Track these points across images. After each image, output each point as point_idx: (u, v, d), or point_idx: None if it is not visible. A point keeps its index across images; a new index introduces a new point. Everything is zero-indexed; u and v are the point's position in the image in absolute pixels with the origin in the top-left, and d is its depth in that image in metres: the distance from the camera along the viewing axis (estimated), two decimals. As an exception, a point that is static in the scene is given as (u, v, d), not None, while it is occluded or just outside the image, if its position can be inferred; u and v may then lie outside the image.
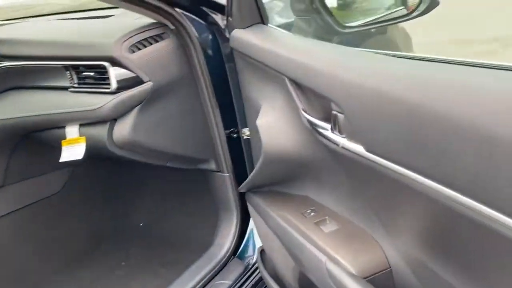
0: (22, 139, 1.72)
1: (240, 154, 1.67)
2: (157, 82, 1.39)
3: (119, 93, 1.33)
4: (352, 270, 0.92)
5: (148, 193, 2.15)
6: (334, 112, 0.89)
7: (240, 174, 1.67)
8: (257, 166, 1.20)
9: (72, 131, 1.45)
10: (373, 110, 0.79)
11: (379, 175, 0.81)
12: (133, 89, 1.34)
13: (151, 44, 1.40)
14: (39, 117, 1.49)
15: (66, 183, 2.01)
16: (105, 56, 1.32)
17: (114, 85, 1.32)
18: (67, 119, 1.44)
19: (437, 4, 1.31)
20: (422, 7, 1.32)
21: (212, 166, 1.64)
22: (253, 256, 1.69)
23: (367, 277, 0.92)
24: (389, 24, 1.61)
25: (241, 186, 1.38)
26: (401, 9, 1.39)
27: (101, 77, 1.35)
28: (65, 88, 1.44)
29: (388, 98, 0.75)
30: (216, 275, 1.61)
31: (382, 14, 1.61)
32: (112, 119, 1.36)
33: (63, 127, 1.48)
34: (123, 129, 1.36)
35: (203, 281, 1.56)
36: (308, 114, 0.99)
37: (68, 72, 1.41)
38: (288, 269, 1.24)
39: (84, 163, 1.60)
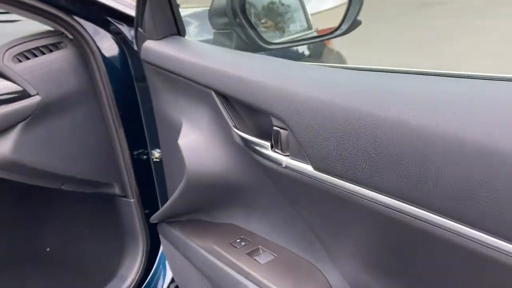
0: None
1: (149, 178, 1.53)
2: (47, 97, 1.24)
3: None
4: None
5: (54, 216, 1.96)
6: (276, 128, 0.79)
7: (148, 200, 1.54)
8: (176, 193, 1.07)
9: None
10: (323, 123, 0.70)
11: (326, 194, 0.73)
12: (16, 103, 1.19)
13: (43, 53, 1.25)
14: None
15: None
16: None
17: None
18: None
19: (359, 23, 1.26)
20: (344, 27, 1.28)
21: (116, 190, 1.49)
22: (160, 292, 1.55)
23: None
24: (313, 42, 1.54)
25: (153, 216, 1.24)
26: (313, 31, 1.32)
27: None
28: None
29: (340, 110, 0.67)
30: (114, 313, 1.46)
31: (306, 32, 1.55)
32: (-12, 136, 1.19)
33: None
34: (3, 147, 1.20)
35: None
36: (242, 131, 0.87)
37: None
38: None
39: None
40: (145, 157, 1.49)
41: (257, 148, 0.81)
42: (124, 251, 1.57)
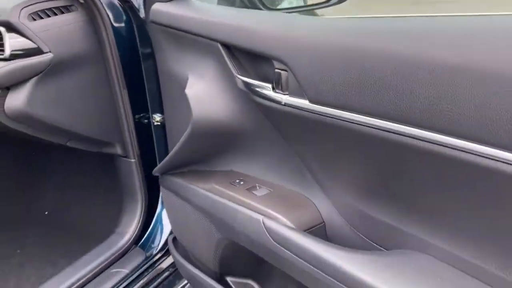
0: None
1: (149, 140, 1.63)
2: (59, 55, 1.32)
3: (13, 61, 1.25)
4: (290, 224, 0.93)
5: (53, 178, 2.04)
6: (277, 71, 0.88)
7: (147, 161, 1.63)
8: (179, 143, 1.15)
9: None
10: (319, 61, 0.80)
11: (321, 124, 0.82)
12: (30, 58, 1.27)
13: (56, 14, 1.33)
14: None
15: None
16: (0, 20, 1.24)
17: (7, 51, 1.24)
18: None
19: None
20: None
21: (118, 150, 1.58)
22: (156, 247, 1.64)
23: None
24: (311, 9, 1.64)
25: (155, 169, 1.32)
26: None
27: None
28: None
29: (333, 48, 0.77)
30: (113, 263, 1.54)
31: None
32: (4, 88, 1.27)
33: None
34: (17, 99, 1.28)
35: (97, 269, 1.49)
36: (245, 77, 0.98)
37: None
38: (209, 250, 1.20)
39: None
40: (146, 120, 1.58)
41: (259, 90, 0.91)
42: (123, 209, 1.66)
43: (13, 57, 1.25)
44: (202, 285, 1.23)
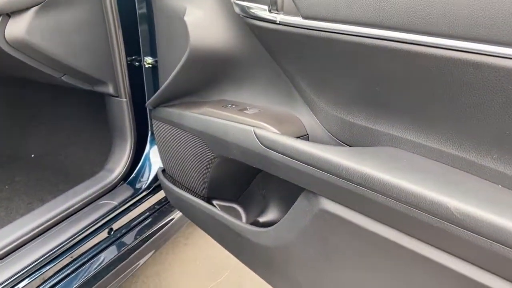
0: None
1: (140, 82, 1.70)
2: None
3: None
4: (277, 132, 1.01)
5: (42, 120, 2.09)
6: None
7: (137, 102, 1.70)
8: (174, 73, 1.21)
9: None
10: None
11: (314, 39, 0.88)
12: None
13: None
14: None
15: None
16: None
17: None
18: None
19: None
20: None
21: (110, 90, 1.65)
22: (144, 183, 1.73)
23: None
24: None
25: (148, 101, 1.39)
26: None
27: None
28: None
29: None
30: (101, 196, 1.62)
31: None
32: (4, 14, 1.32)
33: None
34: (18, 26, 1.33)
35: (85, 200, 1.56)
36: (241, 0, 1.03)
37: None
38: (198, 175, 1.28)
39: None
40: (137, 63, 1.65)
41: (254, 12, 1.00)
42: (112, 148, 1.74)
43: (15, -16, 1.30)
44: (191, 207, 1.32)
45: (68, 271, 1.39)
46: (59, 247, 1.39)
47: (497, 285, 0.67)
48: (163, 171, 1.52)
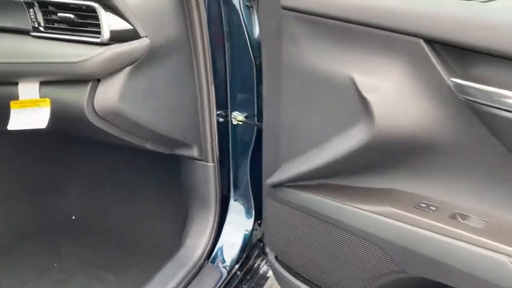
0: None
1: (227, 142, 1.43)
2: (154, 40, 1.10)
3: (110, 46, 1.01)
4: None
5: (81, 179, 1.78)
6: None
7: (224, 165, 1.43)
8: (331, 153, 0.96)
9: (28, 89, 1.09)
10: None
11: None
12: (127, 43, 1.04)
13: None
14: None
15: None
16: None
17: (106, 34, 1.00)
18: (22, 72, 1.08)
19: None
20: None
21: (194, 153, 1.37)
22: (231, 263, 1.45)
23: None
24: None
25: (270, 179, 1.11)
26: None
27: (84, 22, 1.02)
28: (22, 32, 1.09)
29: None
30: (189, 283, 1.34)
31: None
32: (95, 79, 1.03)
33: (14, 83, 1.11)
34: (109, 93, 1.05)
35: None
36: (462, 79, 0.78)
37: (31, 10, 1.05)
38: (348, 282, 1.04)
39: (8, 138, 1.26)
40: (222, 119, 1.39)
41: (484, 98, 0.74)
42: (192, 218, 1.46)
43: (109, 41, 1.01)
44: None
45: None
46: None
47: None
48: (276, 258, 1.25)
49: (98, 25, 1.00)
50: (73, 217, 1.82)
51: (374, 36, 0.87)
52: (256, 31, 1.35)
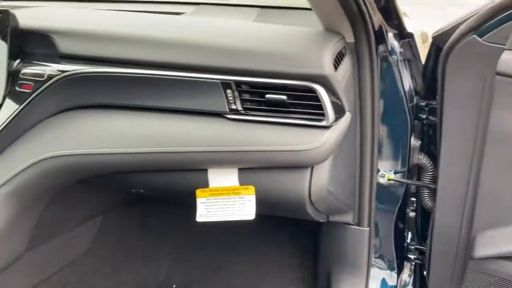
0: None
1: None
2: (350, 112, 1.03)
3: (333, 128, 0.93)
4: None
5: (196, 244, 1.66)
6: None
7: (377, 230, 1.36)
8: None
9: (221, 176, 0.98)
10: None
11: None
12: (342, 122, 0.96)
13: (340, 60, 1.02)
14: (153, 154, 0.98)
15: (96, 238, 1.44)
16: (308, 74, 0.91)
17: (331, 116, 0.91)
18: (219, 160, 0.97)
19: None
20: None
21: (349, 218, 1.29)
22: None
23: None
24: None
25: (481, 251, 1.04)
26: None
27: (296, 102, 0.93)
28: (212, 114, 0.98)
29: None
30: None
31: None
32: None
33: (195, 170, 1.00)
34: (322, 176, 0.96)
35: None
36: None
37: (229, 91, 0.95)
38: None
39: (115, 207, 1.18)
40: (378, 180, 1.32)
41: None
42: (342, 286, 1.36)
43: (332, 123, 0.93)
44: None
45: None
46: None
47: None
48: None
49: (317, 106, 0.92)
50: (174, 286, 1.68)
51: None
52: (407, 86, 1.31)
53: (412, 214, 1.50)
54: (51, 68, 1.01)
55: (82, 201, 1.30)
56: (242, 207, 0.97)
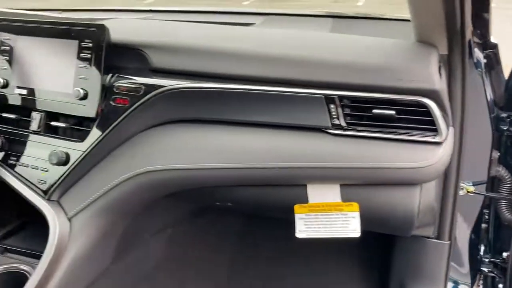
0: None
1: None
2: None
3: (444, 144, 0.91)
4: None
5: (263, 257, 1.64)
6: None
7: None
8: None
9: (321, 191, 0.97)
10: None
11: None
12: (449, 137, 0.94)
13: (440, 72, 1.00)
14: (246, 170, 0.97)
15: (165, 251, 1.43)
16: (418, 88, 0.89)
17: (444, 132, 0.89)
18: (320, 175, 0.95)
19: None
20: None
21: (429, 231, 1.26)
22: None
23: None
24: None
25: None
26: None
27: (403, 117, 0.91)
28: (310, 129, 0.96)
29: None
30: None
31: None
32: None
33: (293, 185, 0.99)
34: (430, 191, 0.94)
35: None
36: None
37: (332, 106, 0.93)
38: None
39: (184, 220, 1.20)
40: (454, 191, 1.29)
41: None
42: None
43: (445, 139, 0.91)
44: None
45: None
46: None
47: None
48: None
49: (427, 121, 0.90)
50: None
51: None
52: (489, 97, 1.29)
53: (483, 225, 1.48)
54: (147, 83, 1.00)
55: (157, 214, 1.29)
56: (346, 224, 0.95)
